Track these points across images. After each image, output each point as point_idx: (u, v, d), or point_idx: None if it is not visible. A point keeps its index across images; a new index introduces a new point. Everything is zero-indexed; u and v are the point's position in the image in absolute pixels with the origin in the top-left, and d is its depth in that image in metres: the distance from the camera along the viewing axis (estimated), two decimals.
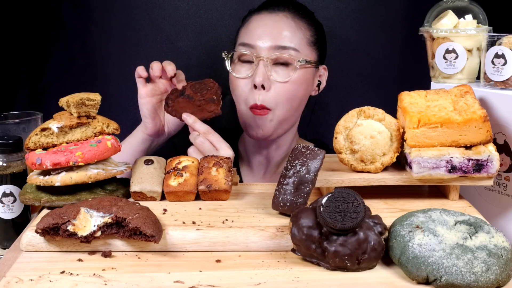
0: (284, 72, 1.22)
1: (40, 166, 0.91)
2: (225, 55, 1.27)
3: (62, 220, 0.81)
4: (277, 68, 1.22)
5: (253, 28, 1.25)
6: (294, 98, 1.24)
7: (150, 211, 0.85)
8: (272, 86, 1.21)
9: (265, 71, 1.21)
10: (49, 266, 0.78)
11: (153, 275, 0.76)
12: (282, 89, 1.22)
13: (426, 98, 0.98)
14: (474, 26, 1.09)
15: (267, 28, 1.24)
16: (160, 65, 1.18)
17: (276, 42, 1.22)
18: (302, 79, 1.24)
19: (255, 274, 0.77)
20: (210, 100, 1.15)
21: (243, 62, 1.25)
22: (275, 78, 1.21)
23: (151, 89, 1.20)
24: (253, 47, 1.22)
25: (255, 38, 1.23)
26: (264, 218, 0.89)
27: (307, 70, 1.26)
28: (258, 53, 1.22)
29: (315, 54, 1.28)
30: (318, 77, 1.32)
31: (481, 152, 0.91)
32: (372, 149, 0.95)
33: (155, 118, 1.21)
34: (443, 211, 0.83)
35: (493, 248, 0.74)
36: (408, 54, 1.54)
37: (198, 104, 1.15)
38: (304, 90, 1.27)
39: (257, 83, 1.20)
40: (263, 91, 1.21)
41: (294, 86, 1.23)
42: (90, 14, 1.52)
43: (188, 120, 1.13)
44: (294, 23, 1.25)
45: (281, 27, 1.24)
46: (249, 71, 1.23)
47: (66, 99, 0.97)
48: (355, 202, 0.77)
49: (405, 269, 0.76)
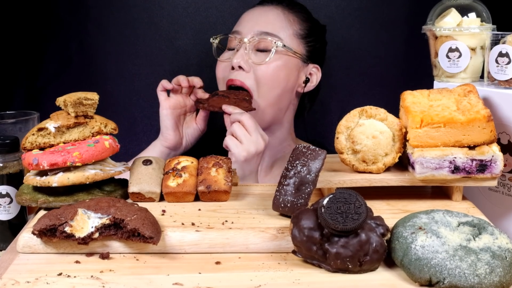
0: (263, 56, 1.26)
1: (37, 166, 0.91)
2: (212, 39, 1.33)
3: (59, 222, 0.81)
4: (258, 53, 1.27)
5: (242, 18, 1.32)
6: (273, 82, 1.26)
7: (148, 212, 0.85)
8: (251, 69, 1.25)
9: (244, 54, 1.25)
10: (46, 268, 0.78)
11: (151, 277, 0.76)
12: (260, 71, 1.25)
13: (429, 97, 0.98)
14: (477, 25, 1.08)
15: (254, 17, 1.30)
16: (186, 78, 1.26)
17: (260, 28, 1.26)
18: (281, 65, 1.26)
19: (255, 276, 0.77)
20: (243, 99, 1.22)
21: (229, 50, 1.31)
22: (252, 60, 1.25)
23: (174, 101, 1.27)
24: (239, 33, 1.28)
25: (242, 25, 1.29)
26: (264, 219, 0.89)
27: (289, 59, 1.27)
28: (241, 38, 1.27)
29: (303, 48, 1.30)
30: (308, 74, 1.32)
31: (485, 152, 0.91)
32: (374, 149, 0.95)
33: (176, 130, 1.27)
34: (446, 212, 0.82)
35: (497, 249, 0.74)
36: (411, 52, 1.54)
37: (234, 101, 1.22)
38: (285, 78, 1.27)
39: (234, 64, 1.25)
40: (242, 72, 1.25)
41: (271, 69, 1.25)
42: (88, 13, 1.52)
43: (228, 108, 1.19)
44: (283, 15, 1.30)
45: (268, 16, 1.29)
46: (231, 56, 1.28)
47: (63, 98, 0.97)
48: (356, 203, 0.77)
49: (408, 271, 0.76)
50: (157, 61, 1.54)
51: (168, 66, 1.54)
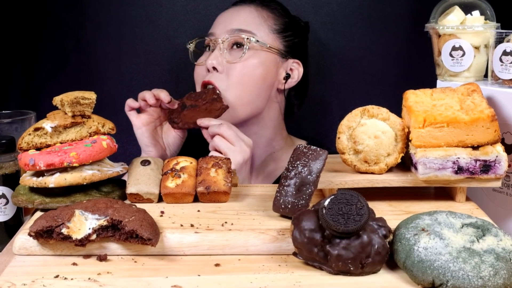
0: (237, 53, 1.25)
1: (33, 167, 0.91)
2: (189, 45, 1.32)
3: (56, 223, 0.81)
4: (232, 51, 1.26)
5: (216, 20, 1.32)
6: (248, 81, 1.25)
7: (147, 214, 0.85)
8: (225, 69, 1.25)
9: (219, 55, 1.25)
10: (43, 270, 0.78)
11: (150, 280, 0.76)
12: (233, 70, 1.24)
13: (432, 96, 0.98)
14: (481, 23, 1.09)
15: (227, 17, 1.30)
16: (152, 93, 1.21)
17: (232, 26, 1.26)
18: (256, 62, 1.25)
19: (255, 278, 0.77)
20: (213, 100, 1.19)
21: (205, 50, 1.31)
22: (228, 59, 1.25)
23: (146, 117, 1.23)
24: (213, 34, 1.28)
25: (216, 26, 1.29)
26: (264, 221, 0.89)
27: (266, 55, 1.27)
28: (215, 38, 1.26)
29: (280, 43, 1.30)
30: (288, 69, 1.32)
31: (489, 153, 0.91)
32: (376, 149, 0.95)
33: (156, 145, 1.25)
34: (450, 213, 0.83)
35: (501, 251, 0.74)
36: (413, 51, 1.54)
37: (205, 108, 1.19)
38: (261, 75, 1.26)
39: (208, 65, 1.24)
40: (215, 73, 1.24)
41: (246, 68, 1.24)
42: (85, 11, 1.52)
43: (204, 122, 1.17)
44: (256, 11, 1.30)
45: (241, 14, 1.29)
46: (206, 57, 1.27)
47: (60, 98, 0.97)
48: (358, 204, 0.77)
49: (410, 273, 0.76)
50: (156, 60, 1.54)
51: (167, 65, 1.54)
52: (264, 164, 1.35)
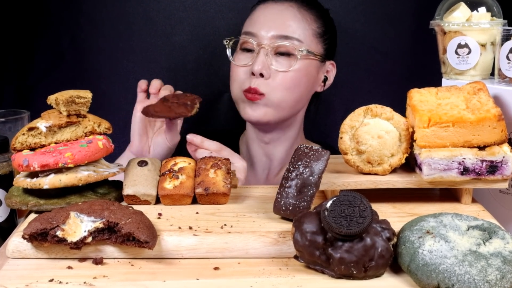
0: (285, 61, 1.25)
1: (27, 167, 0.91)
2: (226, 42, 1.30)
3: (51, 225, 0.81)
4: (279, 58, 1.25)
5: (256, 17, 1.29)
6: (294, 88, 1.26)
7: (144, 216, 0.85)
8: (271, 75, 1.24)
9: (265, 60, 1.23)
10: (37, 274, 0.78)
11: (147, 284, 0.76)
12: (282, 78, 1.24)
13: (437, 95, 0.98)
14: (488, 19, 1.09)
15: (270, 17, 1.27)
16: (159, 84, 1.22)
17: (279, 31, 1.24)
18: (304, 70, 1.26)
19: (256, 282, 0.77)
20: (182, 104, 1.15)
21: (244, 50, 1.28)
22: (276, 67, 1.24)
23: None
24: (255, 35, 1.26)
25: (258, 27, 1.26)
26: (265, 223, 0.89)
27: (311, 62, 1.27)
28: (259, 42, 1.24)
29: (321, 47, 1.30)
30: (325, 72, 1.33)
31: (496, 153, 0.91)
32: (380, 149, 0.95)
33: (142, 136, 1.24)
34: (455, 215, 0.83)
35: (508, 254, 0.74)
36: (418, 49, 1.54)
37: (169, 105, 1.15)
38: (306, 83, 1.28)
39: (256, 71, 1.23)
40: (261, 79, 1.24)
41: (294, 77, 1.25)
42: (80, 7, 1.52)
43: (194, 140, 1.12)
44: (300, 14, 1.27)
45: (285, 16, 1.26)
46: (249, 60, 1.26)
47: (55, 96, 0.97)
48: (361, 206, 0.77)
49: (415, 277, 0.76)
50: (153, 58, 1.54)
51: (165, 63, 1.54)
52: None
